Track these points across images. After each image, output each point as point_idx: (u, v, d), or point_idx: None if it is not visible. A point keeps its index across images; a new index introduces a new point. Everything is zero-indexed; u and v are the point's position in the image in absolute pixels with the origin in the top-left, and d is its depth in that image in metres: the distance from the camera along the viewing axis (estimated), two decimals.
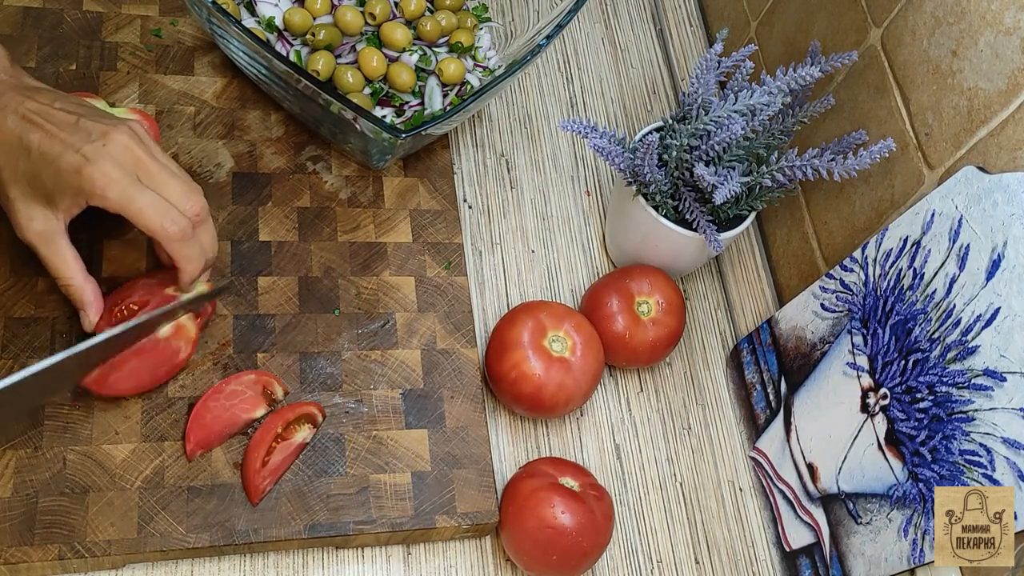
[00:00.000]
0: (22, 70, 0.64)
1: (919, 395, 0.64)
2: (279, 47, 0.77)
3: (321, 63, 0.75)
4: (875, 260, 0.70)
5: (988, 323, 0.60)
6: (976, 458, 0.60)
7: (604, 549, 0.69)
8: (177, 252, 0.61)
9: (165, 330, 0.65)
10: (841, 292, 0.73)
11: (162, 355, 0.65)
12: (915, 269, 0.66)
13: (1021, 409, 0.57)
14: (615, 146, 0.74)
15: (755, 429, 0.82)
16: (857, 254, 0.71)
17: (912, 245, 0.66)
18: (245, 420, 0.66)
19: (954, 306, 0.62)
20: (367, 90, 0.78)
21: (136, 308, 0.66)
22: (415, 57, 0.79)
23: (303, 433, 0.67)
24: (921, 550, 0.64)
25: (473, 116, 0.90)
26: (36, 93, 0.61)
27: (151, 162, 0.60)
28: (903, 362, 0.66)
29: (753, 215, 0.79)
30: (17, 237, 0.61)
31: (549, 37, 0.75)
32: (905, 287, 0.66)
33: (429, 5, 0.83)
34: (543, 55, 0.94)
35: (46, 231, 0.60)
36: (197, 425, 0.65)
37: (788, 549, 0.77)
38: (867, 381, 0.69)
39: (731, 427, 0.83)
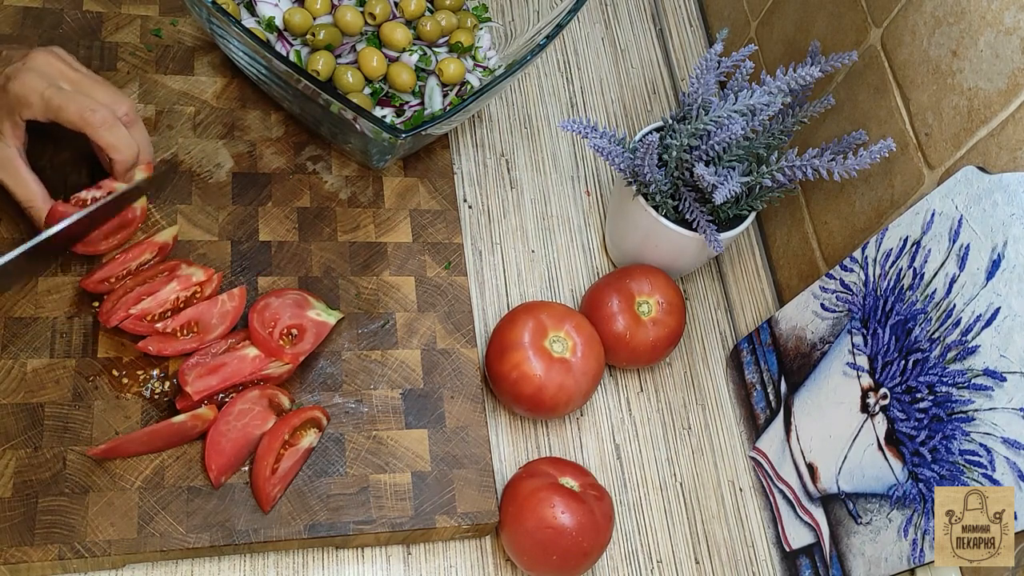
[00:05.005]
0: None
1: (919, 395, 0.64)
2: (279, 47, 0.77)
3: (321, 63, 0.75)
4: (875, 260, 0.70)
5: (988, 323, 0.60)
6: (976, 458, 0.60)
7: (604, 549, 0.69)
8: (104, 139, 0.63)
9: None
10: (841, 292, 0.73)
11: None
12: (915, 269, 0.66)
13: (1021, 409, 0.57)
14: (615, 146, 0.74)
15: (755, 429, 0.82)
16: (857, 254, 0.71)
17: (912, 245, 0.66)
18: (259, 436, 0.65)
19: (954, 306, 0.62)
20: (367, 90, 0.78)
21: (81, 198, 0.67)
22: (415, 57, 0.79)
23: (310, 438, 0.67)
24: (921, 550, 0.64)
25: (473, 116, 0.90)
26: None
27: (73, 72, 0.63)
28: (903, 362, 0.66)
29: (753, 215, 0.79)
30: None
31: (549, 37, 0.75)
32: (905, 287, 0.66)
33: (429, 5, 0.83)
34: (543, 55, 0.94)
35: (1, 158, 0.62)
36: (216, 452, 0.64)
37: (788, 549, 0.77)
38: (867, 381, 0.69)
39: (731, 427, 0.83)
